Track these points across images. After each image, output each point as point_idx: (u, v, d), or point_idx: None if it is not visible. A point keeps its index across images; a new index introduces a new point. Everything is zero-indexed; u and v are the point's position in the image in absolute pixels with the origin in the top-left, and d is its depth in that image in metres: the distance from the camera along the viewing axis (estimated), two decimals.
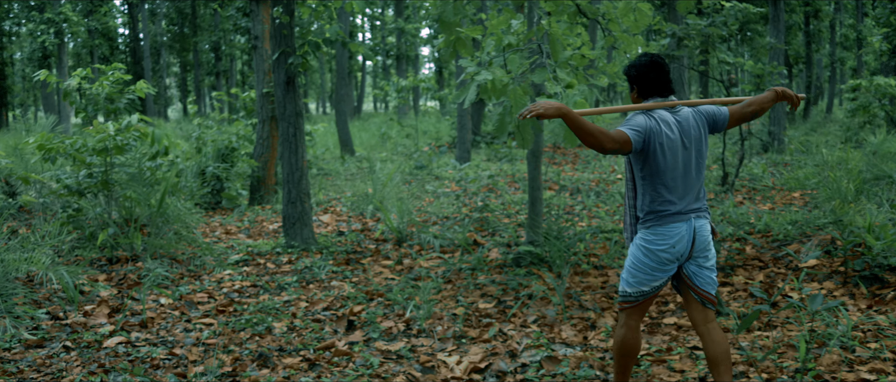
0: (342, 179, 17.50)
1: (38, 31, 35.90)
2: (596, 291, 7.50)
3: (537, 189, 8.69)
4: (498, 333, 6.42)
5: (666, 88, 4.56)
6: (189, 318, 7.10)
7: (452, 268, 8.55)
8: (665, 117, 4.45)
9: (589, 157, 19.86)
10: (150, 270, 8.54)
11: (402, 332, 6.55)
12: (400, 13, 51.29)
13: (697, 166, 4.52)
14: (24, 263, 7.72)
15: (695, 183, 4.50)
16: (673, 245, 4.43)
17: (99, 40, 44.95)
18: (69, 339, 6.47)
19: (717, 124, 4.64)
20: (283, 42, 9.61)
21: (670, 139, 4.40)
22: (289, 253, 9.52)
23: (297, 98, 9.72)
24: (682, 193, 4.45)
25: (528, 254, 8.40)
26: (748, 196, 12.60)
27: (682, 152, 4.45)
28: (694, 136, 4.51)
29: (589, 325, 6.58)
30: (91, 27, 43.69)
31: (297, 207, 9.72)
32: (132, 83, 11.45)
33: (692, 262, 4.53)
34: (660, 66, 4.54)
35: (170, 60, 64.20)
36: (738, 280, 7.67)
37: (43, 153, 9.74)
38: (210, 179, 13.63)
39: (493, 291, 7.61)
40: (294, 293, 7.83)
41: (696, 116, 4.58)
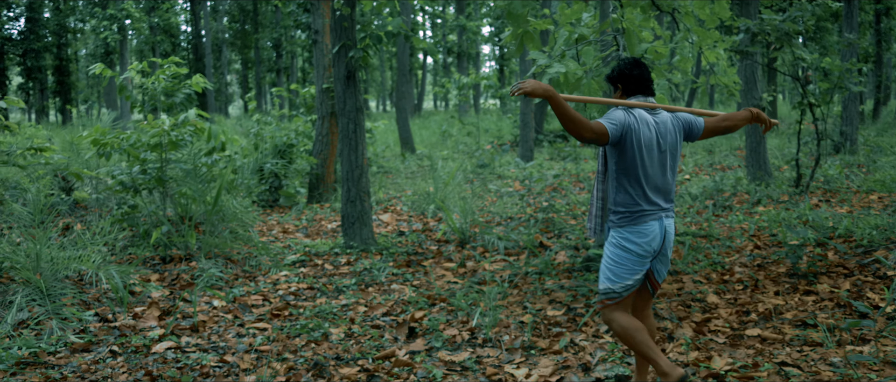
0: (402, 177, 17.16)
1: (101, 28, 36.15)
2: (671, 299, 7.02)
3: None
4: (569, 344, 5.97)
5: (648, 89, 4.74)
6: (242, 322, 6.77)
7: (518, 272, 8.13)
8: (644, 117, 4.62)
9: None
10: (204, 270, 8.25)
11: (467, 341, 6.14)
12: (461, 10, 50.92)
13: (671, 167, 4.72)
14: (74, 261, 7.46)
15: (667, 184, 4.70)
16: (649, 242, 4.64)
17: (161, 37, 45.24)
18: (117, 343, 6.17)
19: (692, 133, 4.85)
20: (344, 35, 9.26)
21: (647, 138, 4.58)
22: (347, 254, 9.17)
23: (357, 93, 9.37)
24: (654, 192, 4.63)
25: (599, 257, 7.94)
26: (824, 198, 11.98)
27: (657, 153, 4.63)
28: (670, 140, 4.69)
29: (666, 336, 6.11)
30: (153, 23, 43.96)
31: (356, 206, 9.36)
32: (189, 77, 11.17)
33: (658, 258, 4.78)
34: (643, 66, 4.74)
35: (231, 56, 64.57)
36: (823, 289, 7.14)
37: (97, 149, 9.51)
38: (268, 176, 13.36)
39: (562, 297, 7.17)
40: (352, 297, 7.46)
41: (674, 121, 4.76)
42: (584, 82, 6.29)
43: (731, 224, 10.17)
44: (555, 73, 6.15)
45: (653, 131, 4.60)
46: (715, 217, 10.77)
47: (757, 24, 10.40)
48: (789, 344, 5.83)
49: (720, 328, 6.20)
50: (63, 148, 13.48)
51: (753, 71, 13.14)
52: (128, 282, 7.65)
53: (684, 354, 5.65)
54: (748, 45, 11.00)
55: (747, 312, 6.61)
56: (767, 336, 5.99)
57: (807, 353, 5.60)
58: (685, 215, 11.06)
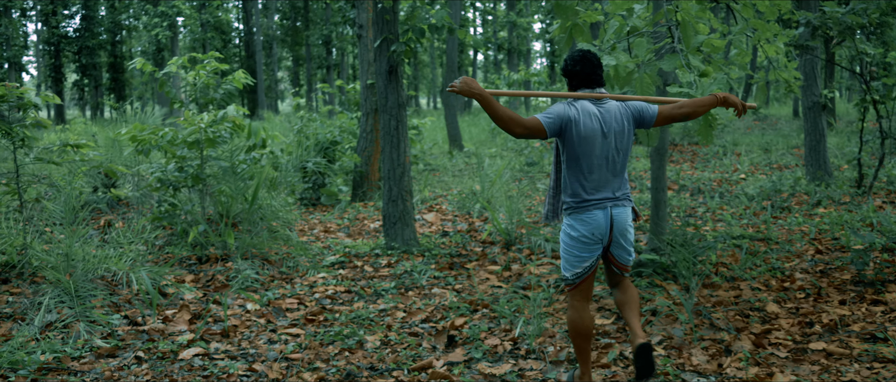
0: (449, 175, 16.83)
1: (152, 25, 36.30)
2: (728, 308, 6.61)
3: (661, 191, 7.84)
4: (618, 357, 5.59)
5: (593, 81, 4.83)
6: (275, 327, 6.48)
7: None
8: (588, 108, 4.71)
9: (708, 154, 18.76)
10: (240, 271, 7.98)
11: (509, 352, 5.78)
12: (512, 6, 50.52)
13: (617, 155, 4.77)
14: (105, 262, 7.23)
15: (614, 173, 4.77)
16: (592, 231, 4.73)
17: (211, 34, 45.37)
18: (143, 348, 5.90)
19: (643, 120, 4.87)
20: (386, 28, 8.95)
21: (589, 128, 4.67)
22: (388, 255, 8.86)
23: (399, 88, 9.05)
24: (599, 181, 4.73)
25: (651, 263, 7.55)
26: (888, 200, 11.43)
27: (601, 142, 4.70)
28: (616, 129, 4.74)
29: (723, 349, 5.70)
30: (203, 20, 44.10)
31: (398, 205, 9.05)
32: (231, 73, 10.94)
33: (614, 245, 4.86)
34: (588, 60, 4.82)
35: (282, 53, 64.74)
36: (892, 298, 6.68)
37: (135, 145, 9.31)
38: (311, 174, 13.11)
39: (611, 304, 6.78)
40: (391, 301, 7.15)
41: (623, 109, 4.81)
42: (635, 76, 5.90)
43: (790, 227, 9.69)
44: (606, 65, 5.76)
45: (595, 122, 4.70)
46: (773, 219, 10.29)
47: (817, 17, 9.91)
48: (857, 360, 5.39)
49: (781, 341, 5.77)
50: (107, 145, 13.34)
51: (813, 66, 12.63)
52: (160, 283, 7.42)
53: (743, 370, 5.25)
54: (808, 39, 10.51)
55: (810, 323, 6.17)
56: (833, 350, 5.56)
57: (877, 371, 5.17)
58: (741, 216, 10.60)
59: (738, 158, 17.84)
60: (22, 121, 8.10)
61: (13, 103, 8.20)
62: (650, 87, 5.92)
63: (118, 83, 54.21)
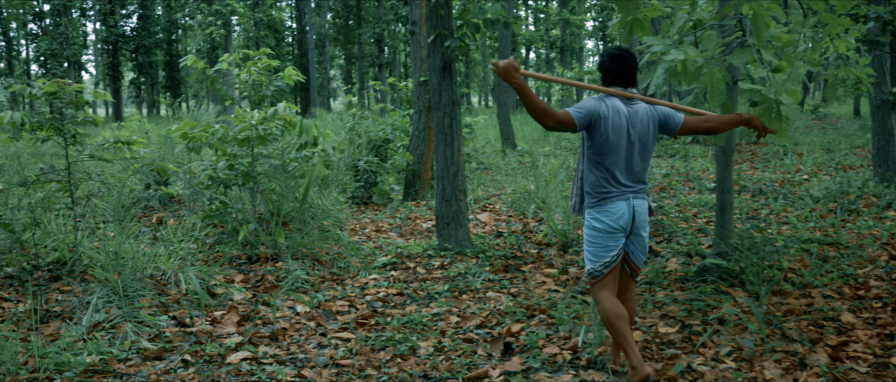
0: (502, 174, 16.57)
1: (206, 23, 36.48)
2: (800, 317, 6.27)
3: (727, 192, 7.51)
4: (686, 369, 5.29)
5: (626, 80, 4.92)
6: (325, 331, 6.28)
7: None
8: (617, 106, 4.84)
9: (768, 155, 18.29)
10: (290, 271, 7.80)
11: (569, 362, 5.51)
12: (564, 3, 50.09)
13: (641, 156, 4.91)
14: (154, 261, 7.09)
15: (636, 171, 4.91)
16: (616, 220, 4.86)
17: (264, 32, 45.53)
18: (190, 351, 5.74)
19: (668, 127, 4.99)
20: (440, 23, 8.72)
21: (617, 126, 4.79)
22: (441, 257, 8.62)
23: (453, 85, 8.82)
24: (622, 177, 4.87)
25: (716, 268, 7.23)
26: None
27: (627, 142, 4.83)
28: (641, 130, 4.87)
29: (797, 362, 5.38)
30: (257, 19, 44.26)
31: (451, 205, 8.82)
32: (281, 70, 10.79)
33: (633, 236, 4.98)
34: (624, 59, 4.91)
35: (334, 52, 64.88)
36: None
37: (186, 143, 9.18)
38: (362, 172, 12.92)
39: (676, 312, 6.48)
40: (444, 305, 6.91)
41: (650, 113, 4.94)
42: (704, 71, 5.60)
43: (860, 231, 9.28)
44: (672, 60, 5.47)
45: (623, 121, 4.81)
46: (841, 223, 9.88)
47: (889, 11, 9.50)
48: None
49: (860, 353, 5.43)
50: (160, 142, 13.28)
51: (882, 63, 12.18)
52: (209, 283, 7.26)
53: None
54: (878, 34, 10.09)
55: (891, 335, 5.81)
56: None
57: None
58: (807, 219, 10.20)
59: (800, 158, 17.36)
60: (74, 118, 8.01)
61: (65, 100, 8.11)
62: (720, 83, 5.61)
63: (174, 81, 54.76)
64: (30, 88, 7.76)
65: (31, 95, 7.80)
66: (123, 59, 55.18)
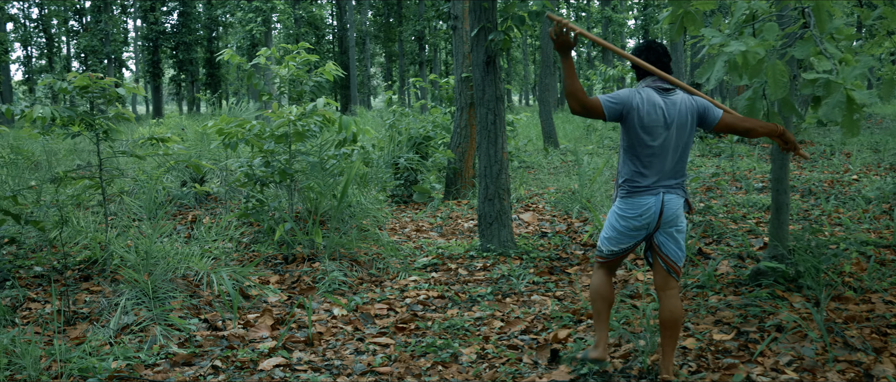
0: (545, 172, 16.23)
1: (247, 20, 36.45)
2: (862, 324, 5.90)
3: (783, 193, 7.14)
4: (745, 379, 4.96)
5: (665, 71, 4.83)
6: (362, 335, 6.00)
7: None
8: (653, 98, 4.73)
9: (815, 154, 17.78)
10: (327, 272, 7.54)
11: (620, 371, 5.17)
12: (607, 1, 49.61)
13: (677, 148, 4.77)
14: (185, 261, 6.85)
15: (672, 163, 4.77)
16: (641, 215, 4.76)
17: (305, 29, 45.48)
18: (222, 356, 5.48)
19: (706, 121, 4.85)
20: (484, 17, 8.42)
21: (652, 118, 4.69)
22: (484, 258, 8.32)
23: (497, 80, 8.52)
24: (656, 170, 4.74)
25: (772, 271, 6.86)
26: None
27: (663, 134, 4.71)
28: (678, 120, 4.74)
29: (862, 373, 5.02)
30: (297, 16, 44.20)
31: (494, 204, 8.52)
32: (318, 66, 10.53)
33: (661, 232, 4.83)
34: (653, 49, 4.84)
35: (375, 49, 64.81)
36: None
37: (222, 139, 8.95)
38: (403, 170, 12.65)
39: (731, 318, 6.13)
40: (487, 309, 6.61)
41: (690, 103, 4.81)
42: (766, 64, 5.25)
43: None
44: (733, 51, 5.12)
45: (659, 112, 4.71)
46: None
47: None
48: None
49: None
50: (196, 139, 13.10)
51: None
52: (243, 284, 7.01)
53: None
54: None
55: None
56: None
57: None
58: (860, 220, 9.78)
59: (848, 158, 16.85)
60: (105, 113, 7.81)
61: (96, 94, 7.92)
62: (783, 75, 5.26)
63: (214, 79, 54.94)
64: (61, 81, 7.57)
65: (61, 89, 7.60)
66: (164, 56, 55.44)
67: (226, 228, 8.86)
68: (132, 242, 6.83)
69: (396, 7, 56.34)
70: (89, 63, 46.71)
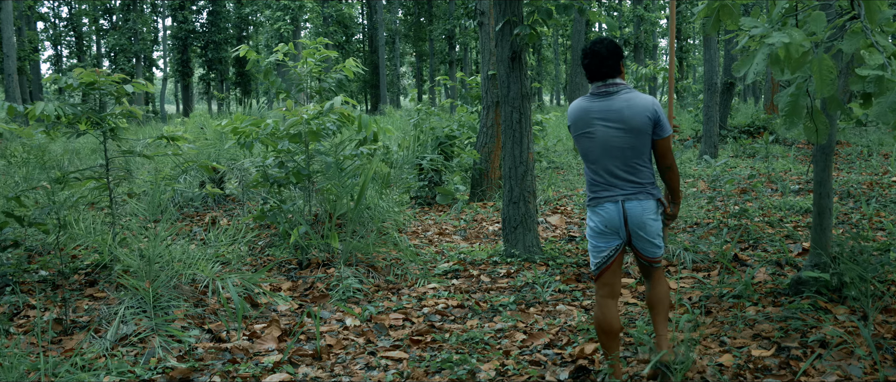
0: (574, 173, 15.78)
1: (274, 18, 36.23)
2: None
3: (826, 197, 6.67)
4: None
5: (602, 74, 4.67)
6: (375, 348, 5.61)
7: (711, 293, 6.68)
8: (583, 104, 4.74)
9: (851, 155, 17.21)
10: (342, 279, 7.16)
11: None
12: (639, 0, 49.04)
13: (622, 153, 4.64)
14: (191, 267, 6.48)
15: (619, 170, 4.66)
16: (605, 221, 4.70)
17: (334, 28, 45.26)
18: (222, 371, 5.11)
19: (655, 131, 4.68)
20: (509, 10, 8.02)
21: (582, 126, 4.72)
22: (508, 264, 7.92)
23: (523, 77, 8.11)
24: (605, 178, 4.69)
25: (814, 281, 6.40)
26: None
27: (598, 138, 4.66)
28: (617, 123, 4.61)
29: None
30: (326, 14, 43.97)
31: (519, 207, 8.11)
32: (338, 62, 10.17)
33: (634, 238, 4.75)
34: (595, 53, 4.67)
35: (405, 49, 64.59)
36: None
37: (237, 138, 8.61)
38: (427, 171, 12.26)
39: (770, 331, 5.68)
40: (509, 320, 6.20)
41: (641, 106, 4.61)
42: (812, 57, 4.81)
43: None
44: (775, 43, 4.69)
45: (589, 119, 4.68)
46: None
47: None
48: None
49: None
50: (215, 138, 12.79)
51: None
52: (253, 291, 6.64)
53: None
54: None
55: None
56: None
57: None
58: None
59: (886, 159, 16.26)
60: (111, 111, 7.50)
61: (104, 91, 7.60)
62: (831, 71, 4.81)
63: (244, 78, 54.86)
64: (65, 78, 7.25)
65: (67, 86, 7.29)
66: (193, 55, 55.44)
67: (242, 231, 8.53)
68: (135, 246, 6.47)
69: (427, 6, 56.04)
70: (118, 62, 46.73)
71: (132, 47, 46.33)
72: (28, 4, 44.53)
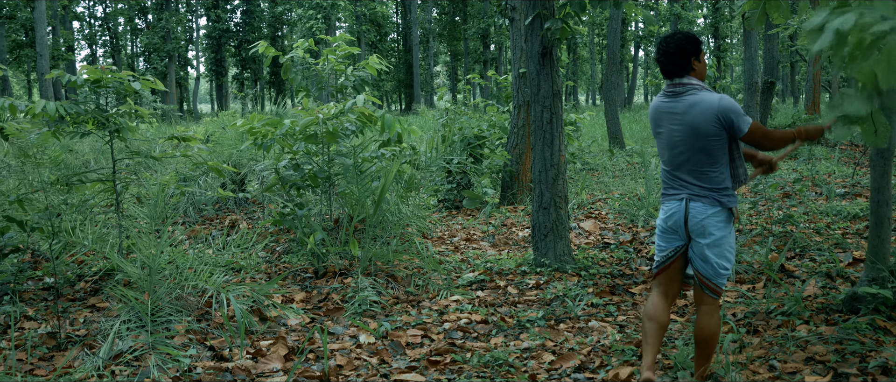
0: (609, 175, 15.24)
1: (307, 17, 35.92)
2: None
3: (885, 205, 6.11)
4: None
5: (671, 73, 4.56)
6: (389, 370, 5.14)
7: (757, 309, 6.14)
8: (657, 103, 4.65)
9: None
10: (358, 290, 6.69)
11: None
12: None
13: (692, 152, 4.49)
14: (194, 277, 6.03)
15: (687, 169, 4.54)
16: (668, 218, 4.62)
17: (366, 26, 44.89)
18: None
19: (732, 127, 4.47)
20: (539, 3, 7.52)
21: (656, 125, 4.65)
22: (537, 274, 7.42)
23: (554, 75, 7.61)
24: (677, 175, 4.59)
25: (871, 297, 5.85)
26: None
27: (667, 137, 4.57)
28: (687, 123, 4.47)
29: None
30: (358, 13, 43.62)
31: (549, 213, 7.61)
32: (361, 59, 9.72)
33: (693, 243, 4.59)
34: (662, 51, 4.56)
35: (439, 48, 64.27)
36: None
37: (254, 139, 8.18)
38: (455, 173, 11.77)
39: (825, 354, 5.14)
40: (537, 338, 5.70)
41: (709, 104, 4.44)
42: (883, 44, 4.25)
43: None
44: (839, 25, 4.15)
45: (661, 118, 4.62)
46: None
47: None
48: None
49: None
50: (237, 137, 12.38)
51: None
52: (263, 304, 6.19)
53: None
54: None
55: None
56: None
57: None
58: None
59: None
60: (117, 110, 7.10)
61: (110, 89, 7.21)
62: None
63: (278, 77, 54.73)
64: (69, 75, 6.85)
65: (71, 83, 6.90)
66: (227, 54, 55.38)
67: (255, 237, 8.10)
68: (141, 254, 6.03)
69: (461, 4, 55.63)
70: (151, 61, 46.71)
71: (165, 47, 46.27)
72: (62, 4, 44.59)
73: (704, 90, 4.49)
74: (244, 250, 7.72)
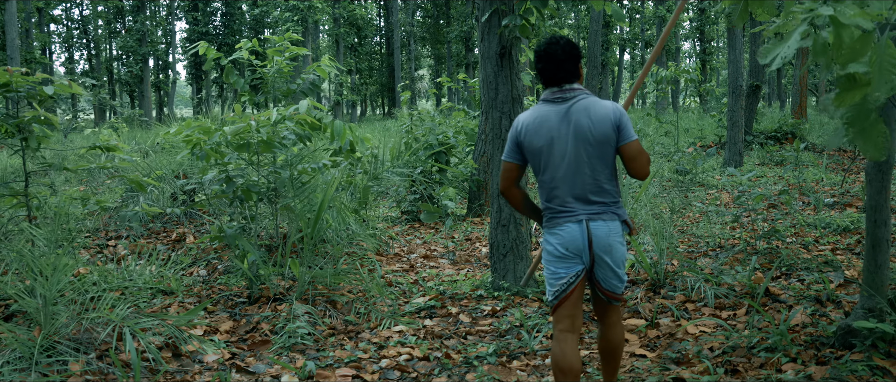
0: None
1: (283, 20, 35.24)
2: None
3: (882, 225, 5.39)
4: None
5: (558, 79, 4.19)
6: None
7: (737, 344, 5.41)
8: (543, 111, 4.20)
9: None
10: (290, 319, 5.95)
11: None
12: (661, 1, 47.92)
13: (591, 165, 4.11)
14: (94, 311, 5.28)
15: (585, 185, 4.13)
16: (565, 243, 4.14)
17: (345, 29, 44.20)
18: None
19: (619, 135, 4.12)
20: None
21: (540, 137, 4.17)
22: (494, 298, 6.70)
23: (514, 77, 6.92)
24: (567, 194, 4.15)
25: (868, 332, 5.13)
26: None
27: (561, 149, 4.14)
28: (586, 130, 4.08)
29: None
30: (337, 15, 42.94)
31: (509, 232, 6.89)
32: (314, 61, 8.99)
33: (597, 265, 4.18)
34: (549, 56, 4.18)
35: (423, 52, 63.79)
36: None
37: (191, 147, 7.44)
38: (419, 183, 11.04)
39: None
40: (486, 378, 4.98)
41: (606, 111, 4.10)
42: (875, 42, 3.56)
43: None
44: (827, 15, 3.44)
45: (546, 128, 4.16)
46: None
47: None
48: None
49: None
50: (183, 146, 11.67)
51: None
52: (180, 337, 5.45)
53: None
54: None
55: None
56: None
57: None
58: None
59: None
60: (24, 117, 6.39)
61: (22, 94, 6.48)
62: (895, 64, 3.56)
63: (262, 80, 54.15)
64: None
65: None
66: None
67: (205, 251, 7.39)
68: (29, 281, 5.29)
69: (444, 7, 55.08)
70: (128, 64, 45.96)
71: (140, 50, 45.48)
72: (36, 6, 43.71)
73: (591, 95, 4.18)
74: (174, 270, 6.98)
